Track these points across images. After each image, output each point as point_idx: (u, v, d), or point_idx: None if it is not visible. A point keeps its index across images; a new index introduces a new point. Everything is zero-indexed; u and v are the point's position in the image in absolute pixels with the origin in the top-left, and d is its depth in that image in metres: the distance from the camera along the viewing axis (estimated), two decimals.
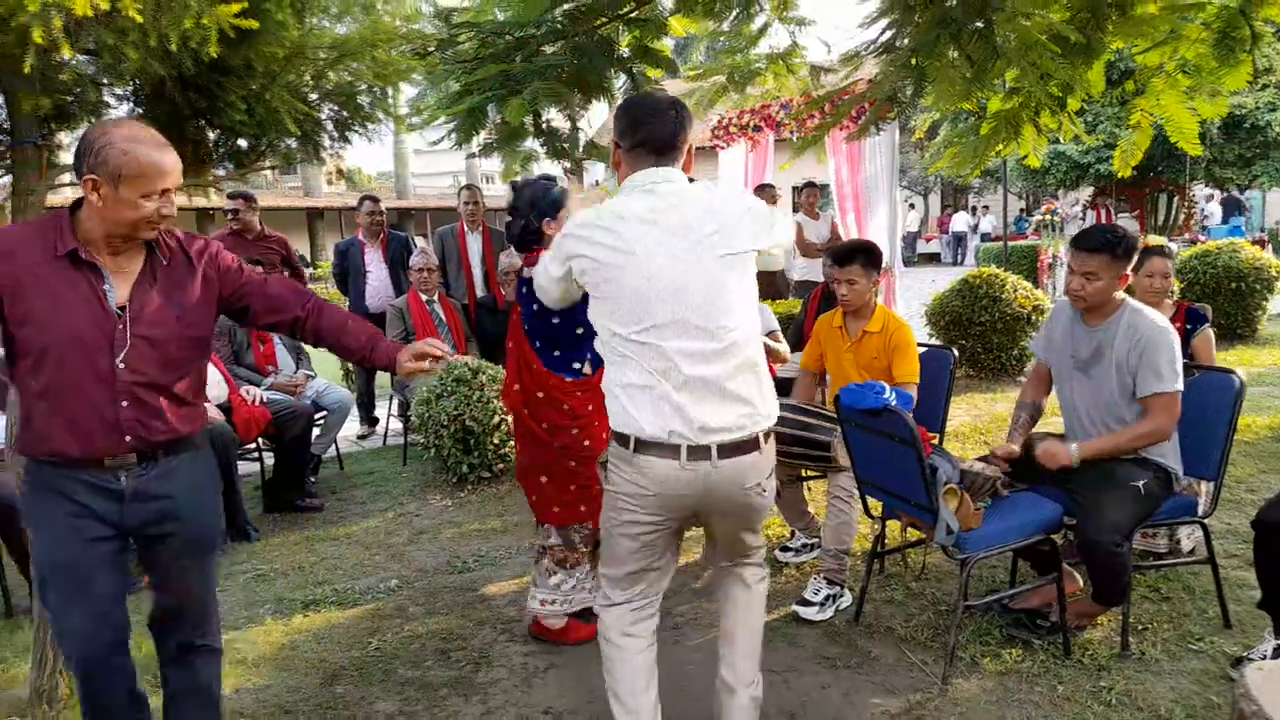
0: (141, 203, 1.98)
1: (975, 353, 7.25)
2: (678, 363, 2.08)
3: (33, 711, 2.74)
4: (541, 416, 3.07)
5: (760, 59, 4.61)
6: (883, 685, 2.86)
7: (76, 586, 2.11)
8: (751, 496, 2.20)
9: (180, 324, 2.13)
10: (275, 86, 2.43)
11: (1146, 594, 3.35)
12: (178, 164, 2.05)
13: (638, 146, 2.23)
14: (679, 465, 2.09)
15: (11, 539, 3.63)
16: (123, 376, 2.06)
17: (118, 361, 2.05)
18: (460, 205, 6.56)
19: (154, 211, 2.00)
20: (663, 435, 2.08)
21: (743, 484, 2.16)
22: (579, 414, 3.05)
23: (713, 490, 2.13)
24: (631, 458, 2.13)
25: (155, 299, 2.10)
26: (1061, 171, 17.81)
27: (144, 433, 2.11)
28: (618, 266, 2.11)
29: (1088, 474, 2.92)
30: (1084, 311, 3.06)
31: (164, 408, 2.13)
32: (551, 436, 3.06)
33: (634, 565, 2.26)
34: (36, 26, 1.75)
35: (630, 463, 2.14)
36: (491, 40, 3.95)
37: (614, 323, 2.14)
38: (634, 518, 2.19)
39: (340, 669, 3.11)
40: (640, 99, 2.33)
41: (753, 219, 2.21)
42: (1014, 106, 3.99)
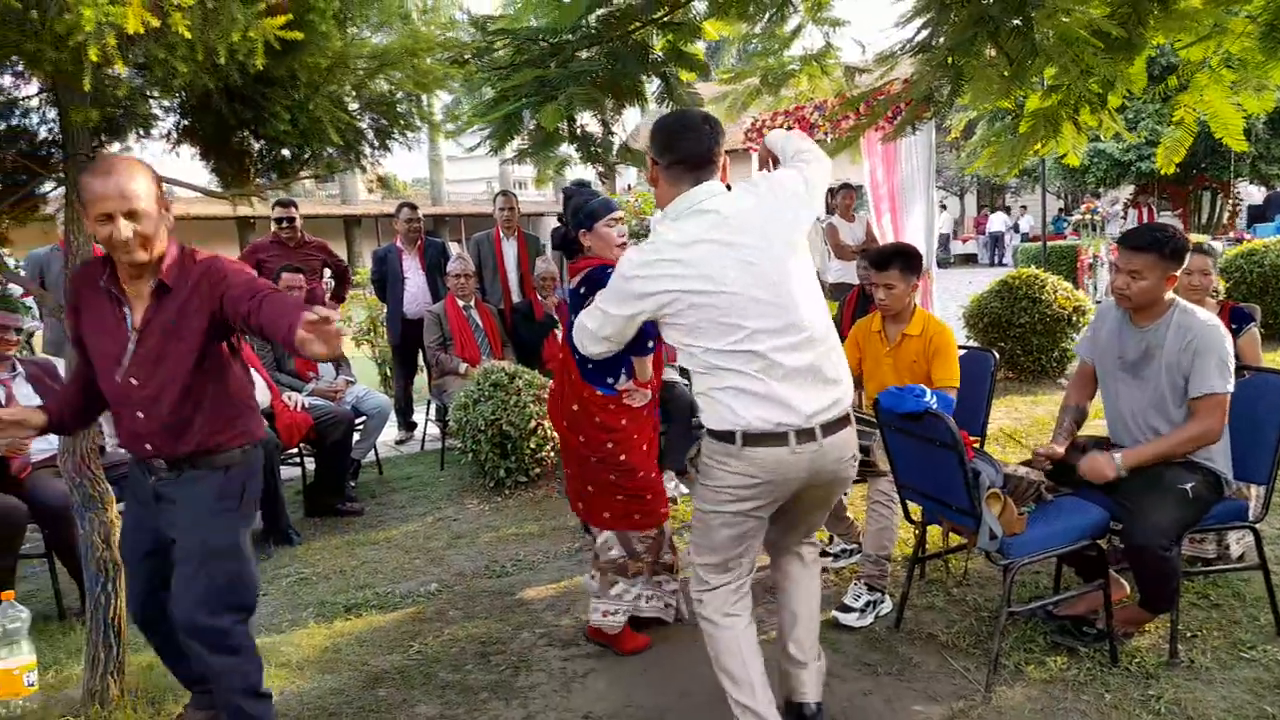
0: (97, 228, 2.18)
1: (1015, 355, 7.16)
2: (777, 359, 2.22)
3: (85, 711, 2.80)
4: (578, 429, 3.09)
5: (794, 60, 4.59)
6: (925, 692, 2.83)
7: (128, 571, 2.58)
8: (847, 468, 2.40)
9: (175, 341, 2.30)
10: (318, 96, 2.47)
11: (1195, 600, 3.29)
12: (119, 187, 2.13)
13: (676, 164, 2.33)
14: (790, 450, 2.23)
15: (63, 544, 3.72)
16: (136, 391, 2.32)
17: (130, 378, 2.32)
18: (495, 211, 6.60)
19: (107, 236, 2.16)
20: (771, 427, 2.22)
21: (841, 457, 2.35)
22: (613, 428, 3.06)
23: (819, 467, 2.29)
24: (739, 451, 2.24)
25: (157, 319, 2.31)
26: (1102, 170, 17.52)
27: (159, 442, 2.36)
28: (697, 293, 2.22)
29: (1135, 478, 2.87)
30: (1132, 312, 3.01)
31: (175, 424, 2.34)
32: (589, 450, 3.08)
33: (734, 550, 2.39)
34: (92, 45, 1.80)
35: (738, 456, 2.25)
36: (527, 46, 3.98)
37: (703, 341, 2.25)
38: (739, 507, 2.31)
39: (382, 672, 3.14)
40: (673, 117, 2.42)
41: (794, 195, 2.37)
42: (1053, 104, 3.93)
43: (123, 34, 1.81)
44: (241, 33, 1.96)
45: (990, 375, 3.66)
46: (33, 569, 4.17)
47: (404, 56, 2.56)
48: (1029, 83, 3.62)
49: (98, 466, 2.80)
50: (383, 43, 2.73)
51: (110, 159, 2.26)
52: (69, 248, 2.71)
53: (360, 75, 2.59)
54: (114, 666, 2.82)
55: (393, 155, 4.24)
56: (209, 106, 2.48)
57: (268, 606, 3.78)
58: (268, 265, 5.69)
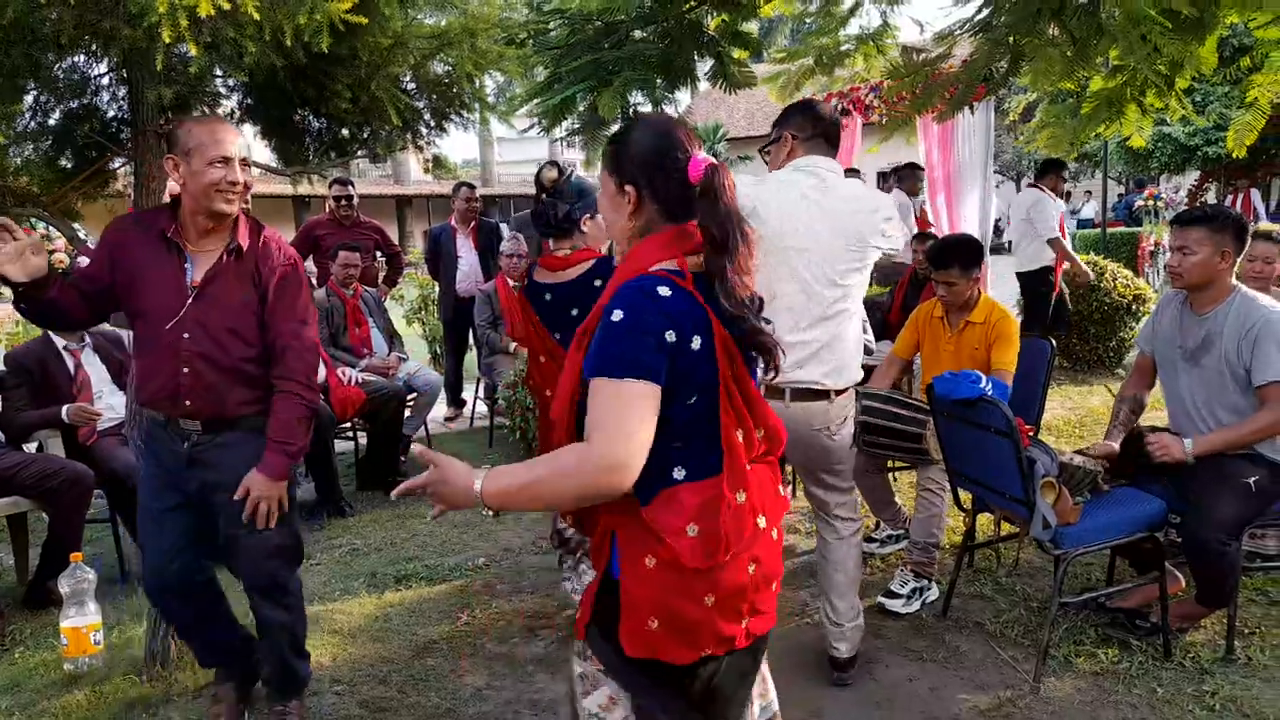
0: (210, 169, 2.25)
1: (1070, 343, 7.01)
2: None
3: (147, 670, 2.91)
4: None
5: (849, 40, 4.52)
6: (971, 681, 2.81)
7: (146, 534, 2.51)
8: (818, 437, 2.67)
9: (239, 303, 2.37)
10: (379, 76, 2.51)
11: (1253, 596, 3.22)
12: (235, 136, 2.31)
13: (818, 135, 2.68)
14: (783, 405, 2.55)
15: (126, 508, 3.85)
16: (186, 347, 2.33)
17: (183, 332, 2.33)
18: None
19: (221, 178, 2.26)
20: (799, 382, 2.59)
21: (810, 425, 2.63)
22: None
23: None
24: None
25: (221, 279, 2.36)
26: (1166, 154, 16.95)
27: (200, 402, 2.37)
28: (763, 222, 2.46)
29: (1196, 469, 2.81)
30: (1192, 299, 2.94)
31: (218, 382, 2.36)
32: None
33: None
34: (166, 25, 1.85)
35: None
36: (581, 27, 3.98)
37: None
38: None
39: (430, 642, 3.21)
40: (813, 100, 2.81)
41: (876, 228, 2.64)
42: (1117, 85, 3.82)
43: (194, 14, 1.86)
44: (308, 14, 2.00)
45: (1048, 363, 3.59)
46: (97, 533, 4.32)
47: (463, 36, 2.59)
48: (1093, 63, 3.53)
49: None
50: (442, 23, 2.76)
51: (210, 115, 2.39)
52: None
53: (419, 55, 2.62)
54: (174, 629, 2.92)
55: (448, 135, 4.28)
56: (273, 85, 2.53)
57: (321, 576, 3.88)
58: (324, 242, 5.79)
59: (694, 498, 1.45)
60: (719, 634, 1.47)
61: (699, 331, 1.43)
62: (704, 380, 1.45)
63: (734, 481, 1.47)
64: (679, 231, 1.50)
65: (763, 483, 1.54)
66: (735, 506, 1.47)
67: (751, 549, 1.49)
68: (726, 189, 1.46)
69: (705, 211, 1.46)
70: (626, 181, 1.52)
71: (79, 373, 4.01)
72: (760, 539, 1.50)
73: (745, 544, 1.47)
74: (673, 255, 1.48)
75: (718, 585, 1.45)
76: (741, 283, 1.45)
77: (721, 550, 1.44)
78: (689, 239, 1.49)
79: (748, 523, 1.48)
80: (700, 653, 1.47)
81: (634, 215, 1.53)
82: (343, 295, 5.36)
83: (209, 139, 2.25)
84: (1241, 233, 2.83)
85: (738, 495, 1.47)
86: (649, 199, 1.51)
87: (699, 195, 1.46)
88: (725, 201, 1.45)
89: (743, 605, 1.49)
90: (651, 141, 1.51)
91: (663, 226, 1.51)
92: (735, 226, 1.44)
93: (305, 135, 2.92)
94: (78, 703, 2.82)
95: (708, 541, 1.44)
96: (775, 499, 1.57)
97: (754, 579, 1.50)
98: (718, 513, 1.44)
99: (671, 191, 1.49)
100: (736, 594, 1.47)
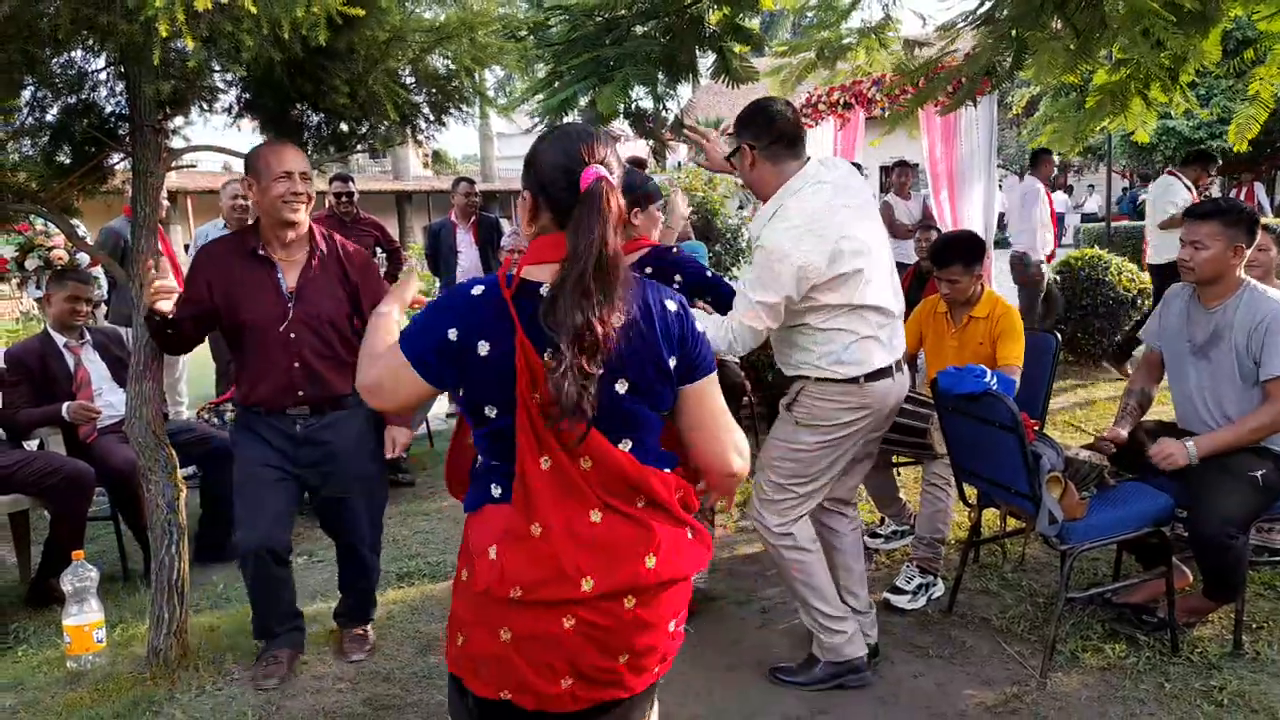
0: (276, 184, 2.60)
1: (1075, 337, 6.99)
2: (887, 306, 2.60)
3: (150, 668, 2.90)
4: None
5: (851, 33, 4.50)
6: (977, 676, 2.79)
7: (253, 501, 2.76)
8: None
9: (330, 300, 2.77)
10: (377, 70, 2.49)
11: (1261, 591, 3.20)
12: (298, 154, 2.66)
13: (774, 143, 2.55)
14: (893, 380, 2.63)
15: (127, 506, 3.84)
16: (294, 345, 2.71)
17: (290, 333, 2.70)
18: None
19: (285, 191, 2.61)
20: (890, 364, 2.61)
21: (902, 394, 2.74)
22: None
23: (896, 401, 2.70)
24: (862, 389, 2.57)
25: (312, 285, 2.75)
26: (1170, 148, 16.91)
27: (310, 389, 2.76)
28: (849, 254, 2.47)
29: (1202, 463, 2.78)
30: (1201, 293, 2.92)
31: (324, 370, 2.76)
32: None
33: (825, 480, 2.69)
34: (162, 19, 1.83)
35: (859, 394, 2.57)
36: (582, 23, 3.96)
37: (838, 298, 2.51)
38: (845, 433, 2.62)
39: (434, 639, 3.19)
40: (763, 103, 2.63)
41: None
42: (1121, 79, 3.80)
43: (191, 8, 1.84)
44: (305, 7, 1.98)
45: (1052, 357, 3.58)
46: (98, 531, 4.31)
47: (462, 30, 2.57)
48: (1096, 57, 3.50)
49: (163, 432, 2.88)
50: (440, 16, 2.74)
51: (279, 140, 2.75)
52: (136, 218, 2.78)
53: (418, 49, 2.60)
54: (177, 626, 2.92)
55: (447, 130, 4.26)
56: (271, 80, 2.52)
57: (323, 574, 3.87)
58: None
59: (500, 520, 1.41)
60: (523, 681, 1.39)
61: (489, 336, 1.39)
62: (498, 392, 1.40)
63: (527, 512, 1.38)
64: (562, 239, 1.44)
65: (605, 540, 1.39)
66: (527, 539, 1.38)
67: (560, 597, 1.37)
68: (604, 205, 1.39)
69: (574, 220, 1.40)
70: (527, 187, 1.53)
71: (79, 370, 4.00)
72: (588, 598, 1.37)
73: (541, 588, 1.36)
74: (550, 259, 1.43)
75: (513, 622, 1.38)
76: (576, 304, 1.33)
77: (501, 584, 1.37)
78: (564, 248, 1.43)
79: (547, 564, 1.37)
80: (497, 693, 1.41)
81: (532, 220, 1.52)
82: None
83: (273, 159, 2.61)
84: (1253, 227, 2.82)
85: (531, 527, 1.38)
86: (543, 205, 1.49)
87: (578, 204, 1.41)
88: (594, 216, 1.38)
89: (556, 662, 1.39)
90: (551, 151, 1.49)
91: (554, 233, 1.47)
92: (593, 244, 1.36)
93: (304, 130, 2.90)
94: (81, 700, 2.81)
95: (498, 568, 1.38)
96: (631, 565, 1.40)
97: (572, 637, 1.38)
98: (510, 542, 1.39)
99: (562, 200, 1.45)
100: (542, 643, 1.38)
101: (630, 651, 1.42)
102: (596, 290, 1.35)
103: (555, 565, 1.37)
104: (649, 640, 1.44)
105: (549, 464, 1.39)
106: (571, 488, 1.39)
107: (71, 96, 2.72)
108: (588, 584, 1.37)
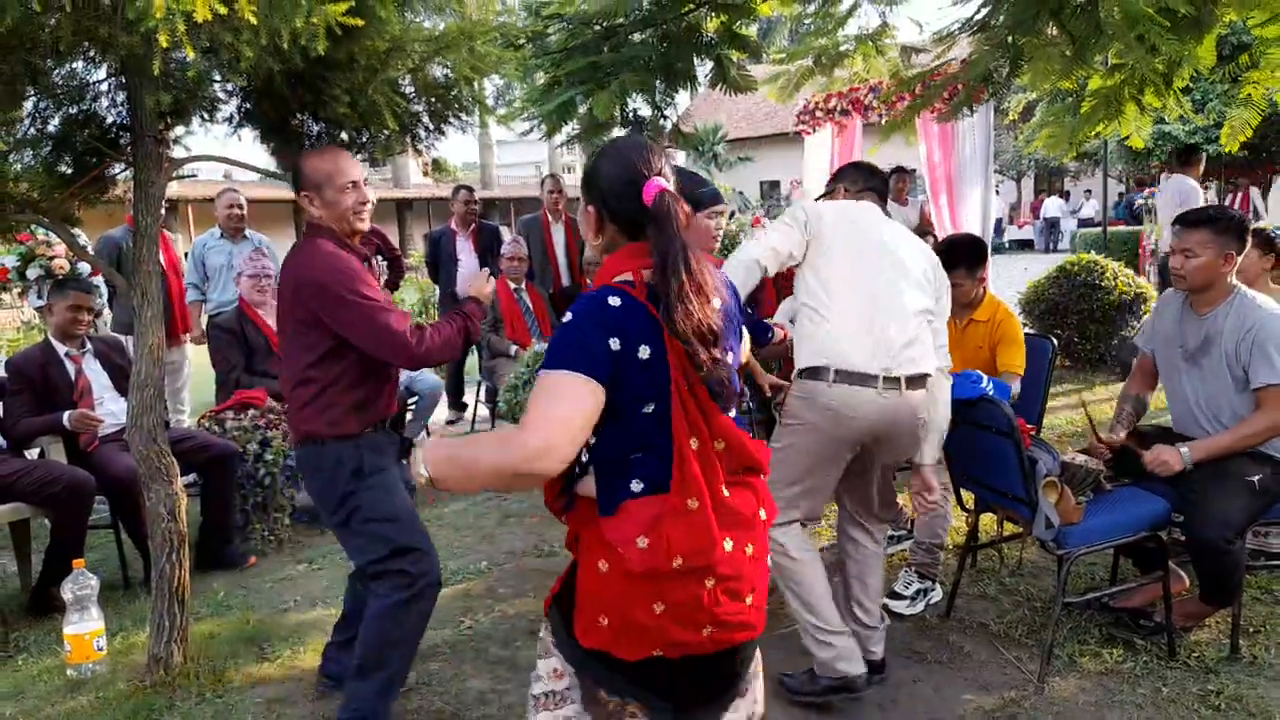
0: (342, 195, 2.48)
1: (1072, 342, 7.01)
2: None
3: (150, 676, 2.91)
4: None
5: (848, 40, 4.53)
6: (975, 681, 2.80)
7: (417, 528, 2.59)
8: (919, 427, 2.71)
9: None
10: (376, 80, 2.51)
11: (1258, 595, 3.21)
12: (354, 162, 2.54)
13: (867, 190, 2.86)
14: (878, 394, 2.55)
15: (128, 514, 3.84)
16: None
17: None
18: (543, 195, 6.63)
19: (355, 201, 2.50)
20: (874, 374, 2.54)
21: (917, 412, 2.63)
22: None
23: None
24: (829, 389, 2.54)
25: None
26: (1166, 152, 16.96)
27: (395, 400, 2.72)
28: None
29: (1199, 468, 2.80)
30: (1193, 299, 2.93)
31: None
32: None
33: (809, 485, 2.66)
34: (163, 30, 1.85)
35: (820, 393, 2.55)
36: (580, 30, 3.99)
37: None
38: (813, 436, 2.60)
39: (434, 646, 3.20)
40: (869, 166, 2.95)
41: None
42: (1116, 84, 3.83)
43: (191, 19, 1.86)
44: (304, 18, 2.00)
45: (1049, 362, 3.59)
46: (99, 539, 4.32)
47: (461, 40, 2.59)
48: (1091, 62, 3.53)
49: (164, 440, 2.89)
50: (440, 27, 2.76)
51: (326, 146, 2.64)
52: (138, 228, 2.80)
53: (417, 59, 2.62)
54: (177, 634, 2.92)
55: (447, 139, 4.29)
56: (271, 89, 2.53)
57: (324, 580, 3.87)
58: None
59: (648, 510, 1.48)
60: (670, 639, 1.50)
61: (647, 340, 1.48)
62: (657, 388, 1.49)
63: (685, 489, 1.49)
64: (640, 248, 1.56)
65: (734, 505, 1.54)
66: (686, 514, 1.48)
67: (710, 561, 1.49)
68: (676, 215, 1.51)
69: (653, 234, 1.51)
70: (590, 202, 1.62)
71: (80, 379, 4.01)
72: (725, 556, 1.51)
73: (699, 555, 1.48)
74: (630, 268, 1.54)
75: (666, 595, 1.48)
76: (688, 309, 1.45)
77: (666, 558, 1.46)
78: (647, 255, 1.53)
79: (702, 534, 1.48)
80: (649, 652, 1.51)
81: (598, 233, 1.62)
82: None
83: (334, 168, 2.47)
84: (1244, 234, 2.83)
85: (689, 502, 1.49)
86: (609, 219, 1.60)
87: (650, 218, 1.52)
88: (672, 227, 1.50)
89: (699, 616, 1.51)
90: (611, 166, 1.59)
91: (625, 243, 1.58)
92: (679, 252, 1.47)
93: (304, 139, 2.91)
94: (81, 709, 2.81)
95: (655, 550, 1.46)
96: (750, 522, 1.58)
97: (713, 593, 1.51)
98: (671, 520, 1.47)
99: (628, 213, 1.56)
100: (690, 605, 1.49)
101: (753, 591, 1.58)
102: (697, 293, 1.47)
103: (708, 534, 1.49)
104: (761, 573, 1.61)
105: (697, 445, 1.52)
106: (710, 466, 1.53)
107: (73, 107, 2.74)
108: (728, 544, 1.52)
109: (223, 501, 4.06)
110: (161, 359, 2.85)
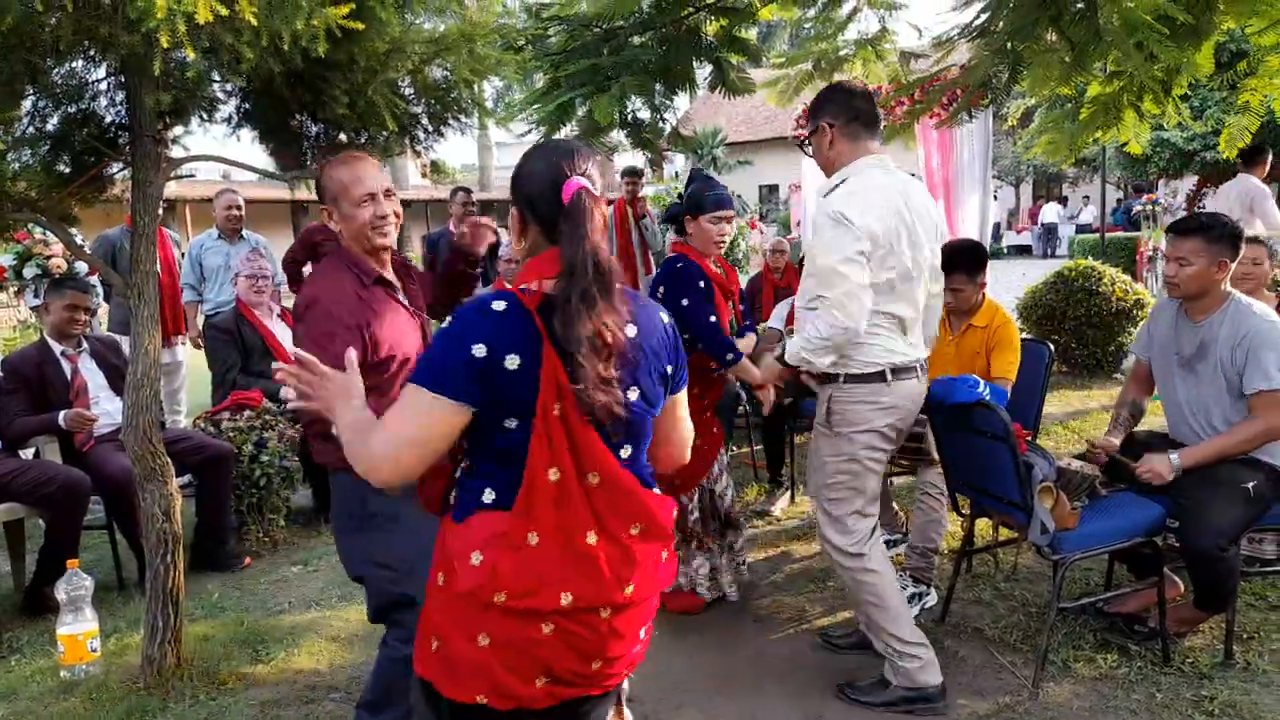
0: (358, 210, 2.26)
1: (1069, 348, 7.02)
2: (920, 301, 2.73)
3: (144, 677, 2.90)
4: None
5: (848, 45, 4.53)
6: (970, 687, 2.80)
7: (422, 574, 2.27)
8: None
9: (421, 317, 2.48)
10: (376, 81, 2.51)
11: (1252, 601, 3.21)
12: (375, 170, 2.31)
13: (853, 121, 2.60)
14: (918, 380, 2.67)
15: (122, 515, 3.83)
16: None
17: None
18: None
19: (372, 215, 2.27)
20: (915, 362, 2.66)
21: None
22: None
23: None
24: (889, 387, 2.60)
25: (414, 299, 2.46)
26: (1164, 159, 16.98)
27: None
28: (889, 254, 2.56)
29: (1194, 475, 2.80)
30: (1188, 307, 2.94)
31: None
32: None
33: (874, 488, 2.70)
34: (164, 31, 1.85)
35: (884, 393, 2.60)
36: (580, 33, 3.99)
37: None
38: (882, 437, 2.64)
39: None
40: (842, 83, 2.72)
41: None
42: (1114, 91, 3.84)
43: (192, 20, 1.86)
44: (305, 20, 2.00)
45: (1046, 368, 3.59)
46: (93, 540, 4.31)
47: (460, 42, 2.59)
48: (1090, 69, 3.54)
49: (159, 440, 2.88)
50: (440, 29, 2.76)
51: (346, 154, 2.38)
52: (136, 228, 2.79)
53: (417, 61, 2.62)
54: (171, 636, 2.92)
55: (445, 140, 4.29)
56: (271, 90, 2.53)
57: (318, 583, 3.87)
58: (324, 248, 5.77)
59: (490, 526, 1.39)
60: (498, 685, 1.39)
61: (518, 350, 1.37)
62: (521, 404, 1.38)
63: (527, 520, 1.38)
64: (556, 254, 1.44)
65: (596, 560, 1.40)
66: (521, 548, 1.37)
67: (537, 607, 1.37)
68: (591, 215, 1.42)
69: (564, 230, 1.41)
70: (515, 203, 1.53)
71: (76, 378, 4.00)
72: (568, 610, 1.38)
73: (525, 597, 1.36)
74: (538, 275, 1.43)
75: (492, 627, 1.38)
76: (581, 312, 1.35)
77: (490, 588, 1.36)
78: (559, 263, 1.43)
79: (532, 576, 1.37)
80: (473, 697, 1.40)
81: (521, 235, 1.53)
82: None
83: (350, 179, 2.26)
84: (1237, 241, 2.84)
85: (529, 535, 1.37)
86: (530, 219, 1.50)
87: (563, 217, 1.42)
88: (585, 227, 1.40)
89: (529, 665, 1.39)
90: (535, 166, 1.50)
91: (546, 248, 1.47)
92: (587, 254, 1.38)
93: (303, 140, 2.92)
94: (74, 710, 2.80)
95: (483, 573, 1.37)
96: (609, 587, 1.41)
97: (551, 642, 1.39)
98: (503, 548, 1.37)
99: (550, 214, 1.45)
100: (519, 648, 1.38)
101: (603, 658, 1.45)
102: (600, 298, 1.37)
103: (543, 578, 1.37)
104: (622, 648, 1.48)
105: (557, 476, 1.38)
106: (572, 504, 1.39)
107: (72, 106, 2.73)
108: (567, 599, 1.38)
109: (218, 502, 4.05)
110: (158, 359, 2.85)
